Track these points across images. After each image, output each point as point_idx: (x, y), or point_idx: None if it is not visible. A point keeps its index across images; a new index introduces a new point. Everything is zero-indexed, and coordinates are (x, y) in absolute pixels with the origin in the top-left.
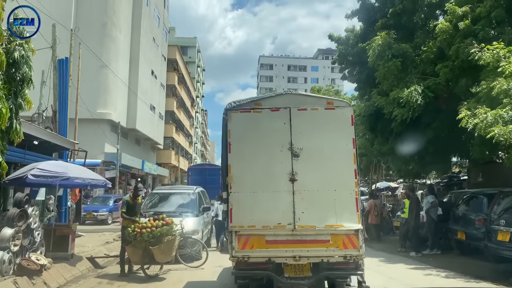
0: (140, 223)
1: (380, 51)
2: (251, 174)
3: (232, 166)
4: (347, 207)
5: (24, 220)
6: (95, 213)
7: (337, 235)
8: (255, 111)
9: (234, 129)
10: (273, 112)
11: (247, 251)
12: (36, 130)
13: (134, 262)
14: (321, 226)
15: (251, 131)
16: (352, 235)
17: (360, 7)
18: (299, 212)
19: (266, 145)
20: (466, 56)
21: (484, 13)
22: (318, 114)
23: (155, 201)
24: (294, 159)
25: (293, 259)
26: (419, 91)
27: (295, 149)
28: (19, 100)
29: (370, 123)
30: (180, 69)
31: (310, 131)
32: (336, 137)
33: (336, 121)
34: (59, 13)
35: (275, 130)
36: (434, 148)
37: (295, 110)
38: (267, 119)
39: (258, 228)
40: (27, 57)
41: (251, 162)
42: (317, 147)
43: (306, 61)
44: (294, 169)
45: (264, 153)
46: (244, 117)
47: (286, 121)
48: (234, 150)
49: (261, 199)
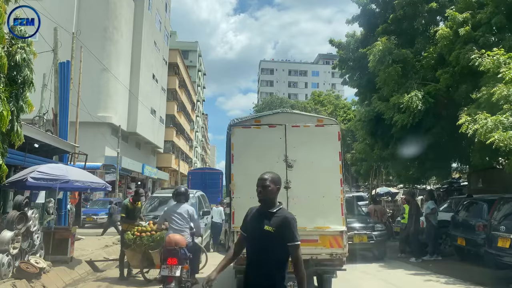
0: (140, 226)
1: (381, 56)
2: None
3: (235, 174)
4: (333, 211)
5: (23, 223)
6: (95, 216)
7: (325, 236)
8: (255, 127)
9: (237, 142)
10: (271, 128)
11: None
12: (37, 133)
13: (133, 266)
14: (311, 228)
15: (251, 145)
16: (337, 235)
17: (361, 13)
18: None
19: (264, 157)
20: (466, 62)
21: (484, 19)
22: (309, 130)
23: (155, 205)
24: (288, 169)
25: None
26: (419, 97)
27: (289, 161)
28: (20, 102)
29: (370, 128)
30: (181, 73)
31: (302, 145)
32: (324, 151)
33: (325, 137)
34: (61, 17)
35: (272, 144)
36: (434, 154)
37: (289, 126)
38: (265, 134)
39: None
40: (29, 60)
41: (251, 171)
42: (308, 159)
43: (306, 66)
44: (288, 178)
45: (263, 163)
46: (245, 132)
47: (282, 136)
48: (236, 161)
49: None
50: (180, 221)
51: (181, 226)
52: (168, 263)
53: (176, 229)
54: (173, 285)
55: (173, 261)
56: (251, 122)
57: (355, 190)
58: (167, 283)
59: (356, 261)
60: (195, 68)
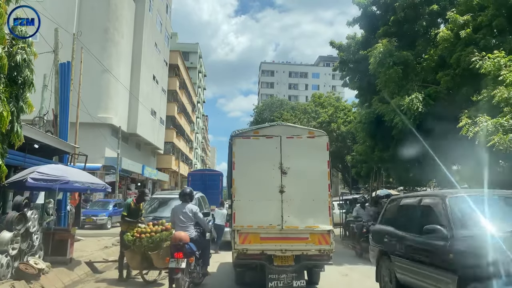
0: (139, 228)
1: (382, 58)
2: (250, 186)
3: (236, 180)
4: (322, 212)
5: (23, 223)
6: (95, 217)
7: (314, 234)
8: (254, 137)
9: (238, 151)
10: (268, 139)
11: (246, 245)
12: (37, 133)
13: (132, 267)
14: (302, 227)
15: (251, 153)
16: (325, 234)
17: (362, 15)
18: (286, 216)
19: (262, 164)
20: (467, 64)
21: (485, 22)
22: (301, 141)
23: (154, 206)
24: (283, 176)
25: (280, 252)
26: (420, 99)
27: (284, 168)
28: (20, 103)
29: (370, 130)
30: (181, 75)
31: (295, 154)
32: (314, 159)
33: (315, 147)
34: (62, 18)
35: (269, 153)
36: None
37: (284, 137)
38: (263, 144)
39: (255, 227)
40: (29, 60)
41: (250, 177)
42: (300, 167)
43: (307, 68)
44: (283, 183)
45: (260, 170)
46: (245, 142)
47: (277, 146)
48: (237, 167)
49: (257, 206)
50: (184, 219)
51: (185, 223)
52: (175, 257)
53: (181, 226)
54: (179, 275)
55: (179, 255)
56: (250, 133)
57: (355, 192)
58: (174, 273)
59: (358, 263)
60: (195, 70)
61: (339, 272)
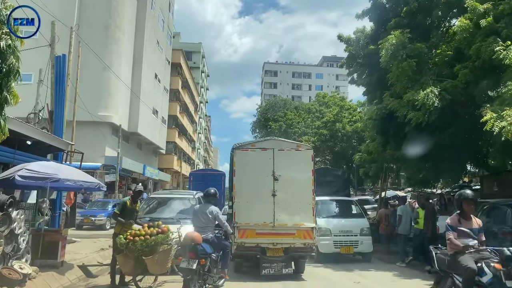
0: (133, 230)
1: (394, 51)
2: (247, 190)
3: (236, 185)
4: (307, 212)
5: (7, 224)
6: (93, 217)
7: (300, 230)
8: (251, 150)
9: (238, 161)
10: (263, 151)
11: (243, 239)
12: (27, 128)
13: (125, 273)
14: (290, 224)
15: (248, 163)
16: (309, 230)
17: (372, 6)
18: (277, 215)
19: (258, 173)
20: (488, 55)
21: (507, 10)
22: (291, 153)
23: (152, 206)
24: (275, 182)
25: (272, 245)
26: (435, 93)
27: (276, 176)
28: (4, 93)
29: (381, 127)
30: (184, 74)
31: (285, 164)
32: (301, 168)
33: (302, 158)
34: (62, 14)
35: (264, 163)
36: (449, 155)
37: (276, 150)
38: (259, 155)
39: (251, 224)
40: (15, 47)
41: (248, 182)
42: (289, 175)
43: (310, 68)
44: (275, 188)
45: (256, 177)
46: (244, 153)
47: (271, 157)
48: (237, 174)
49: (253, 206)
50: (203, 220)
51: (203, 224)
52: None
53: (199, 227)
54: (189, 277)
55: (192, 255)
56: (248, 146)
57: (360, 193)
58: (186, 274)
59: (369, 269)
60: (198, 70)
61: (350, 279)
